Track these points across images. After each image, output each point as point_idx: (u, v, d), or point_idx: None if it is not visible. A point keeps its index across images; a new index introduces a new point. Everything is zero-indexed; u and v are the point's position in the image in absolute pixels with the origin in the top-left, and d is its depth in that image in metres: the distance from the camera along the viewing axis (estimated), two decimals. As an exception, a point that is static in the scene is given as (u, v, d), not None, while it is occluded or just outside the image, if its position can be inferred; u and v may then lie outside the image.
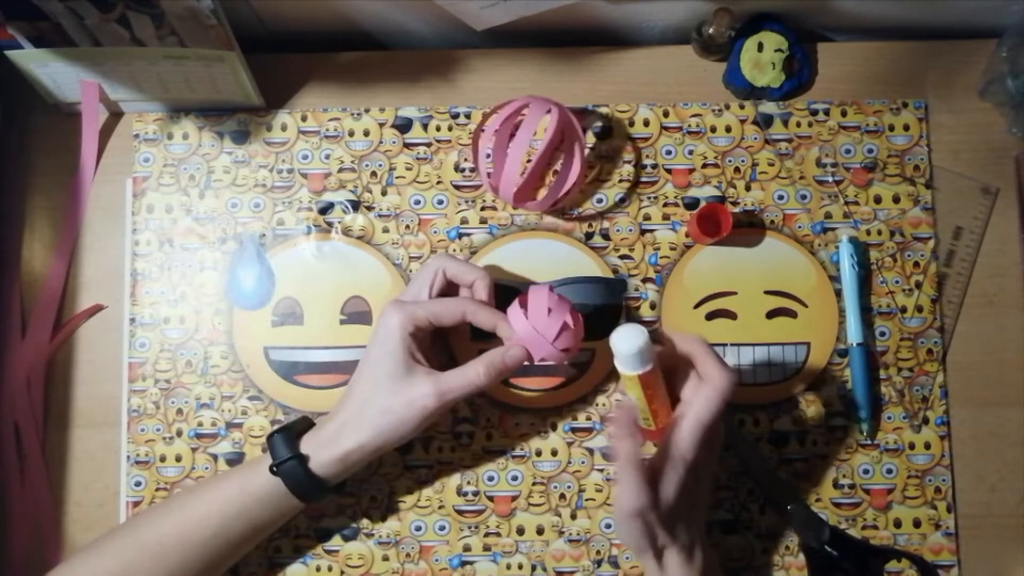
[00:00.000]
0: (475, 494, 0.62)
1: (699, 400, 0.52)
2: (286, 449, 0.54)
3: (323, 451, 0.54)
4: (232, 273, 0.64)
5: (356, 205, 0.64)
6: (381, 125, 0.65)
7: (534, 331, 0.55)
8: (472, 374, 0.54)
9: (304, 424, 0.57)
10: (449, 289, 0.58)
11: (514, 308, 0.56)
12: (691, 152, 0.65)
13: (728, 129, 0.65)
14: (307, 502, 0.55)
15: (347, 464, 0.54)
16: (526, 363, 0.56)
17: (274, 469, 0.53)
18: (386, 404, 0.53)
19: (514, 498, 0.62)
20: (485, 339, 0.60)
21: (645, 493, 0.50)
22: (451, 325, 0.56)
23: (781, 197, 0.64)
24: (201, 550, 0.53)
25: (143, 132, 0.65)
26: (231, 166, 0.65)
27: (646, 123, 0.65)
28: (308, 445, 0.54)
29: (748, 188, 0.64)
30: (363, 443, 0.53)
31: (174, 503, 0.55)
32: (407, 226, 0.64)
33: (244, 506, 0.54)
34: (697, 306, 0.63)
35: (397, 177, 0.65)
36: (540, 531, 0.62)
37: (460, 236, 0.64)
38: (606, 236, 0.64)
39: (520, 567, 0.61)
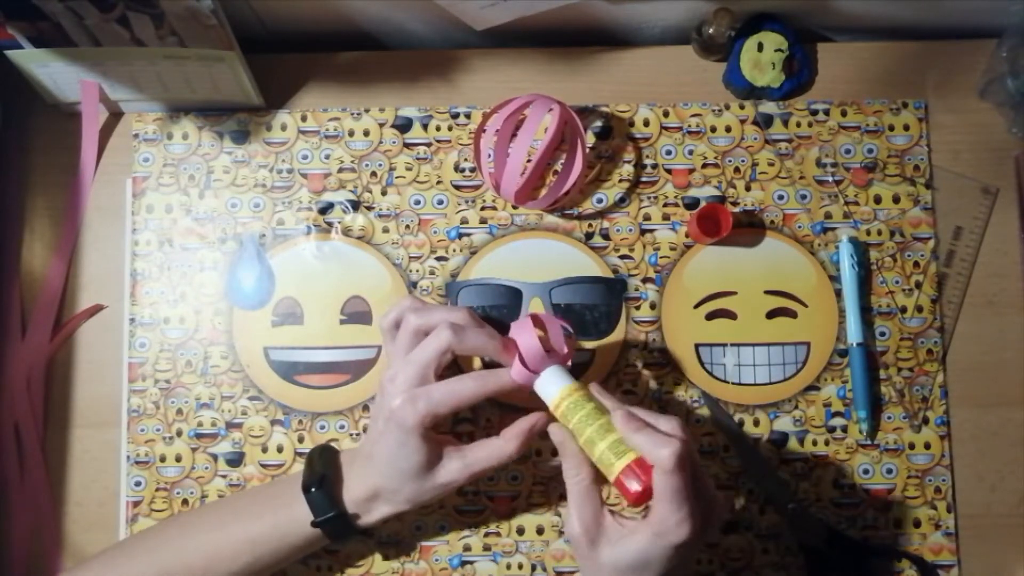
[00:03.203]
0: (475, 494, 0.62)
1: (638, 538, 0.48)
2: (329, 507, 0.54)
3: (364, 516, 0.55)
4: (232, 273, 0.64)
5: (356, 205, 0.64)
6: (381, 125, 0.65)
7: (537, 373, 0.53)
8: (503, 451, 0.54)
9: (331, 463, 0.56)
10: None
11: (516, 367, 0.53)
12: (691, 152, 0.65)
13: (728, 129, 0.65)
14: (339, 544, 0.58)
15: (382, 521, 0.56)
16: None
17: (316, 523, 0.54)
18: (420, 489, 0.54)
19: (514, 498, 0.62)
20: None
21: (574, 520, 0.49)
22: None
23: (781, 197, 0.64)
24: None
25: (143, 132, 0.65)
26: (231, 166, 0.65)
27: (646, 123, 0.65)
28: (346, 500, 0.55)
29: (748, 188, 0.64)
30: (399, 511, 0.55)
31: (201, 534, 0.55)
32: (407, 226, 0.64)
33: (276, 548, 0.55)
34: (697, 306, 0.64)
35: (397, 177, 0.65)
36: (540, 531, 0.62)
37: (460, 236, 0.64)
38: (606, 236, 0.64)
39: (520, 567, 0.61)
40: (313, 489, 0.54)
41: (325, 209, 0.64)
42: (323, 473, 0.55)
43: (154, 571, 0.54)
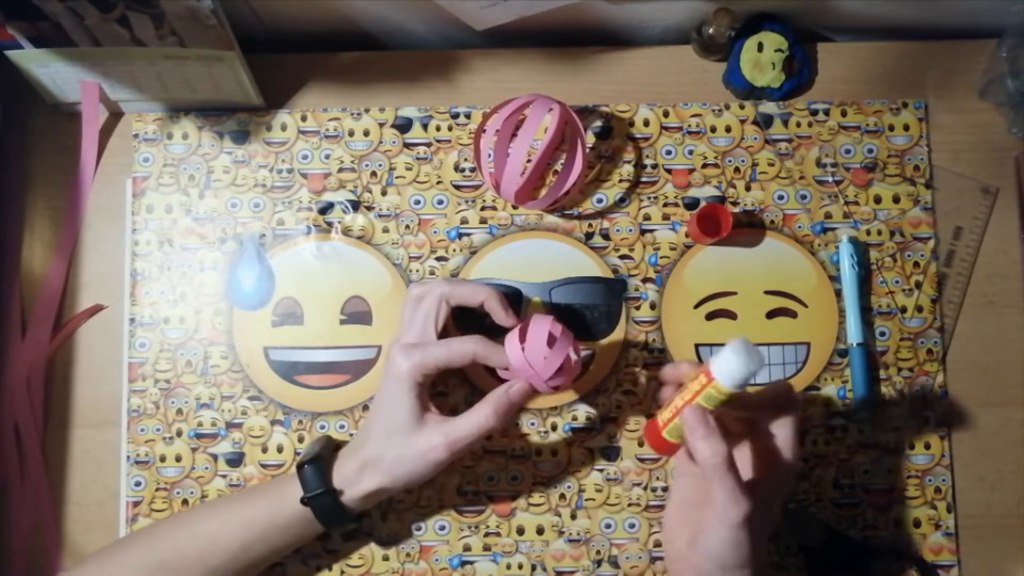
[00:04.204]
0: (475, 494, 0.62)
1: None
2: (319, 482, 0.54)
3: (350, 489, 0.55)
4: (232, 273, 0.64)
5: (356, 205, 0.64)
6: (381, 125, 0.65)
7: (528, 366, 0.54)
8: (481, 418, 0.54)
9: (329, 449, 0.57)
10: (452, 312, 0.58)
11: (511, 339, 0.54)
12: (691, 152, 0.65)
13: (728, 129, 0.65)
14: (331, 531, 0.58)
15: (371, 500, 0.56)
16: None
17: (305, 500, 0.54)
18: (399, 454, 0.54)
19: (514, 498, 0.62)
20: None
21: (749, 497, 0.49)
22: (461, 367, 0.56)
23: (781, 197, 0.64)
24: (220, 571, 0.55)
25: (143, 132, 0.65)
26: (231, 166, 0.65)
27: (646, 123, 0.65)
28: (336, 479, 0.55)
29: (748, 188, 0.64)
30: (383, 486, 0.55)
31: (195, 523, 0.56)
32: (407, 226, 0.64)
33: (268, 532, 0.55)
34: (697, 306, 0.63)
35: (397, 177, 0.65)
36: (540, 531, 0.62)
37: (460, 236, 0.64)
38: (606, 236, 0.64)
39: (520, 567, 0.61)
40: (306, 466, 0.55)
41: (325, 209, 0.64)
42: (319, 453, 0.56)
43: (151, 562, 0.54)
